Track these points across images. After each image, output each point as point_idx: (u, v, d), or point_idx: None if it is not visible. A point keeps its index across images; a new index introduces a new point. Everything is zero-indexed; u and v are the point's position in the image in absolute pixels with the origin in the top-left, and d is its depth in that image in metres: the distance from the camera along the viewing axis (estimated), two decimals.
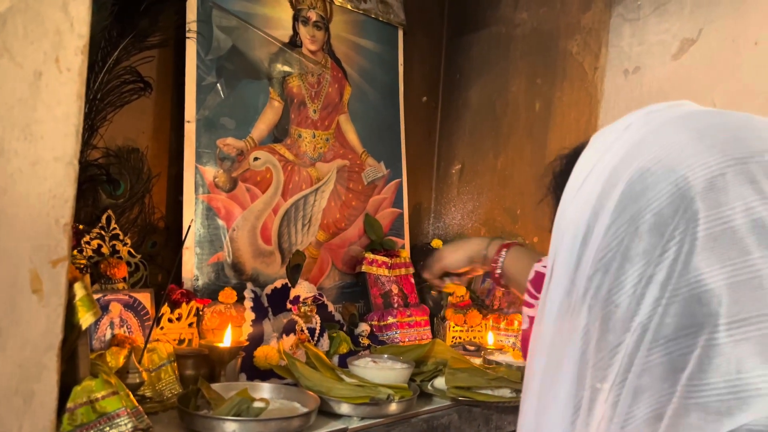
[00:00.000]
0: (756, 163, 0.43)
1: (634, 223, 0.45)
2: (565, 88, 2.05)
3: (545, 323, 0.52)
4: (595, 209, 0.48)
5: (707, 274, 0.41)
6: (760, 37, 1.63)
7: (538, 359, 0.53)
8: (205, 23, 1.62)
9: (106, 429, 0.87)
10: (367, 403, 1.24)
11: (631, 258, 0.45)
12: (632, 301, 0.44)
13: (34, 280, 0.81)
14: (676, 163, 0.45)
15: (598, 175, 0.49)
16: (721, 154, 0.43)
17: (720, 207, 0.42)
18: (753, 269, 0.40)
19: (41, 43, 0.81)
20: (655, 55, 1.85)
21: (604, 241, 0.47)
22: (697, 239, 0.42)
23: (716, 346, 0.40)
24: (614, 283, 0.46)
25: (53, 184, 0.82)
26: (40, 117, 0.81)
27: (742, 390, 0.39)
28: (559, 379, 0.49)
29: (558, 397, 0.49)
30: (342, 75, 1.96)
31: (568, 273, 0.50)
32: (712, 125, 0.47)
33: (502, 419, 1.51)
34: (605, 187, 0.48)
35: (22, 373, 0.81)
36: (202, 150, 1.63)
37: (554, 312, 0.51)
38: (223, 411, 1.07)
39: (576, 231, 0.50)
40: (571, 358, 0.48)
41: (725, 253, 0.41)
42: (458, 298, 2.01)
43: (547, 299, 0.52)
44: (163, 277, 1.60)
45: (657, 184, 0.44)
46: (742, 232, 0.41)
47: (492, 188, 2.23)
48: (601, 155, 0.51)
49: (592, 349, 0.47)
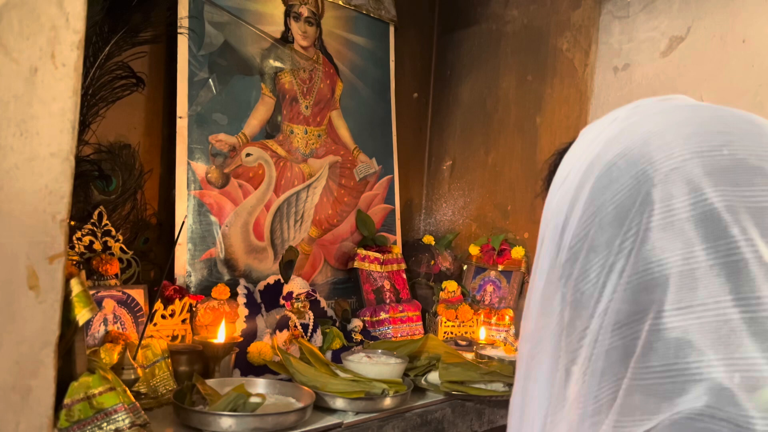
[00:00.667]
0: (711, 157, 0.44)
1: (599, 215, 0.47)
2: (555, 85, 2.07)
3: (531, 309, 0.54)
4: (572, 201, 0.50)
5: (655, 263, 0.43)
6: (747, 35, 1.66)
7: (524, 344, 0.55)
8: (196, 19, 1.62)
9: (103, 425, 0.87)
10: (362, 398, 1.24)
11: (595, 248, 0.47)
12: (595, 289, 0.46)
13: (31, 277, 0.81)
14: (638, 157, 0.46)
15: (579, 168, 0.51)
16: (681, 148, 0.45)
17: (672, 199, 0.43)
18: (696, 260, 0.42)
19: (37, 38, 0.81)
20: (644, 52, 1.86)
21: (575, 231, 0.49)
22: (650, 230, 0.44)
23: (658, 331, 0.42)
24: (581, 271, 0.48)
25: (49, 179, 0.82)
26: (35, 113, 0.81)
27: (678, 374, 0.41)
28: (540, 361, 0.52)
29: (539, 379, 0.51)
30: (334, 71, 1.96)
31: (550, 261, 0.52)
32: (681, 120, 0.48)
33: (494, 413, 1.52)
34: (581, 179, 0.50)
35: (19, 369, 0.81)
36: (194, 146, 1.62)
37: (538, 298, 0.53)
38: (220, 406, 1.07)
39: (557, 221, 0.52)
40: (549, 342, 0.51)
41: (672, 244, 0.43)
42: (450, 293, 2.02)
43: (533, 285, 0.54)
44: (156, 273, 1.59)
45: (620, 177, 0.46)
46: (689, 223, 0.42)
47: (483, 184, 2.24)
48: (586, 148, 0.53)
49: (564, 333, 0.49)
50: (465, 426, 1.46)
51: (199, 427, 1.08)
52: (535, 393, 0.51)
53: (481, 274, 2.12)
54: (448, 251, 2.18)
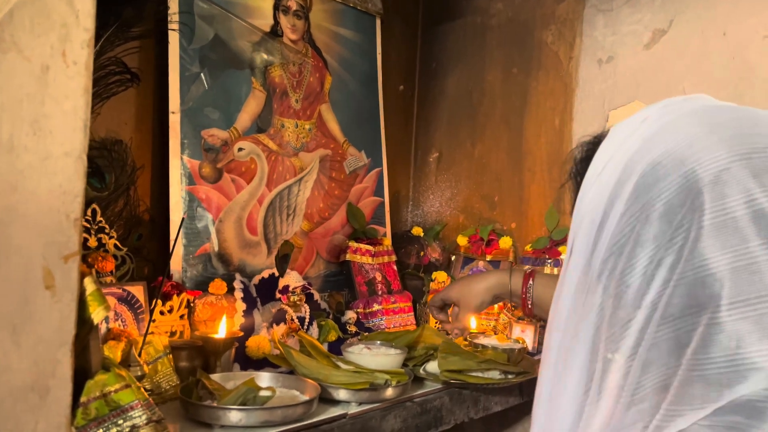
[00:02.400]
0: (759, 158, 0.47)
1: (645, 211, 0.49)
2: (541, 78, 2.10)
3: (562, 301, 0.57)
4: (611, 197, 0.52)
5: (711, 259, 0.46)
6: (728, 28, 1.71)
7: (555, 334, 0.57)
8: (187, 13, 1.60)
9: (119, 422, 0.88)
10: (365, 389, 1.26)
11: (642, 243, 0.49)
12: (643, 282, 0.48)
13: (47, 276, 0.81)
14: (685, 156, 0.49)
15: (616, 165, 0.53)
16: (728, 150, 0.48)
17: (724, 199, 0.46)
18: (752, 256, 0.45)
19: (48, 36, 0.80)
20: (627, 45, 1.91)
21: (618, 227, 0.51)
22: (703, 228, 0.46)
23: (717, 324, 0.44)
24: (627, 265, 0.50)
25: (63, 179, 0.82)
26: (48, 111, 0.80)
27: (740, 364, 0.44)
28: (574, 351, 0.54)
29: (573, 369, 0.54)
30: (323, 64, 1.97)
31: (586, 255, 0.54)
32: (721, 122, 0.51)
33: (489, 400, 1.56)
34: (621, 177, 0.52)
35: (37, 369, 0.81)
36: (187, 141, 1.62)
37: (572, 291, 0.56)
38: (230, 400, 1.08)
39: (593, 216, 0.54)
40: (587, 333, 0.53)
41: (727, 241, 0.45)
42: (439, 283, 2.05)
43: (566, 279, 0.57)
44: (150, 269, 1.59)
45: (667, 176, 0.49)
46: (743, 221, 0.45)
47: (470, 176, 2.27)
48: (619, 146, 0.55)
49: (605, 324, 0.51)
50: (462, 413, 1.50)
51: (208, 422, 1.09)
52: (569, 382, 0.54)
53: (469, 264, 2.16)
54: (436, 242, 2.21)
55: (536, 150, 2.10)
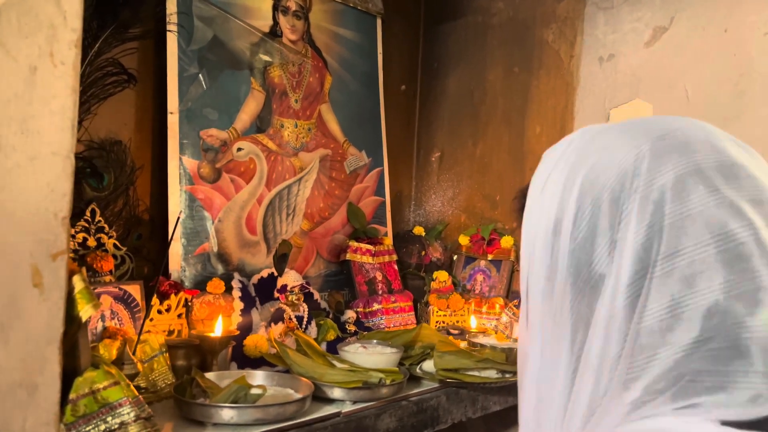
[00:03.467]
0: (668, 141, 0.56)
1: (596, 204, 0.56)
2: (542, 76, 2.09)
3: (531, 307, 0.62)
4: (561, 204, 0.59)
5: (651, 225, 0.54)
6: (729, 25, 1.69)
7: (534, 337, 0.62)
8: (185, 14, 1.61)
9: (108, 419, 0.88)
10: (359, 387, 1.26)
11: (600, 232, 0.56)
12: (605, 263, 0.56)
13: (35, 274, 0.82)
14: (615, 152, 0.58)
15: (557, 178, 0.61)
16: (642, 139, 0.57)
17: (652, 176, 0.55)
18: (672, 216, 0.53)
19: (36, 37, 0.81)
20: (628, 42, 1.89)
21: (575, 225, 0.58)
22: (638, 203, 0.54)
23: (656, 278, 0.52)
24: (592, 255, 0.57)
25: (51, 178, 0.83)
26: (36, 111, 0.81)
27: (676, 310, 0.51)
28: (559, 348, 0.59)
29: (559, 366, 0.59)
30: (322, 64, 1.97)
31: (546, 261, 0.60)
32: (630, 124, 0.61)
33: (487, 399, 1.55)
34: (566, 184, 0.59)
35: (25, 366, 0.81)
36: (186, 141, 1.63)
37: (539, 297, 0.61)
38: (222, 398, 1.09)
39: (547, 225, 0.60)
40: (565, 330, 0.58)
41: (658, 210, 0.54)
42: (440, 283, 2.05)
43: (530, 288, 0.63)
44: (149, 269, 1.60)
45: (606, 170, 0.57)
46: (666, 192, 0.54)
47: (471, 175, 2.26)
48: (555, 164, 0.62)
49: (584, 313, 0.57)
50: (459, 413, 1.49)
51: (200, 420, 1.10)
52: (557, 365, 0.59)
53: (471, 264, 2.15)
54: (438, 242, 2.20)
55: (538, 149, 2.09)
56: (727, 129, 0.60)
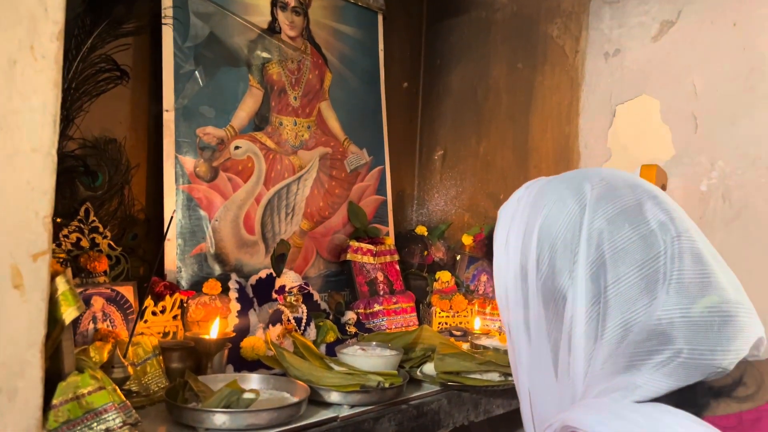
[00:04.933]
0: (596, 190, 0.72)
1: (553, 249, 0.71)
2: (546, 72, 2.05)
3: (515, 333, 0.77)
4: (523, 252, 0.74)
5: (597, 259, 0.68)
6: (738, 19, 1.65)
7: (519, 355, 0.77)
8: (181, 9, 1.59)
9: (93, 425, 0.85)
10: (357, 391, 1.23)
11: (559, 270, 0.70)
12: (566, 292, 0.69)
13: (15, 276, 0.79)
14: (562, 204, 0.72)
15: (516, 232, 0.75)
16: (582, 190, 0.72)
17: (591, 221, 0.69)
18: (614, 247, 0.67)
19: (15, 30, 0.78)
20: (635, 37, 1.85)
21: (539, 267, 0.72)
22: (584, 244, 0.69)
23: (607, 301, 0.66)
24: (554, 286, 0.71)
25: (31, 175, 0.80)
26: (15, 107, 0.78)
27: (632, 324, 0.64)
28: (543, 367, 0.73)
29: (541, 360, 0.73)
30: (322, 61, 1.94)
31: (520, 300, 0.75)
32: (568, 178, 0.76)
33: (490, 403, 1.52)
34: (525, 236, 0.74)
35: (5, 370, 0.78)
36: (182, 139, 1.60)
37: (520, 323, 0.76)
38: (213, 403, 1.05)
39: (515, 271, 0.75)
40: (542, 336, 0.73)
41: (598, 248, 0.68)
42: (443, 284, 2.01)
43: (511, 318, 0.77)
44: (145, 269, 1.57)
45: (557, 221, 0.71)
46: (603, 233, 0.68)
47: (475, 173, 2.22)
48: (511, 220, 0.77)
49: (552, 324, 0.72)
50: (461, 416, 1.45)
51: (192, 425, 1.07)
52: (542, 370, 0.73)
53: (474, 264, 2.11)
54: (441, 241, 2.17)
55: (542, 146, 2.05)
56: (737, 125, 0.64)
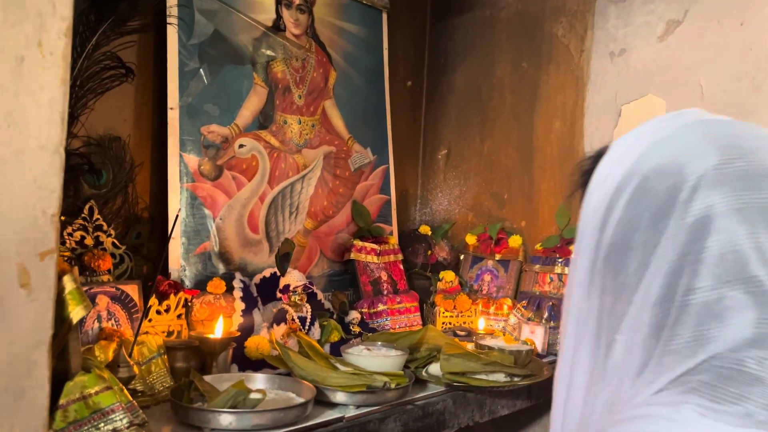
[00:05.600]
0: (726, 169, 0.56)
1: (637, 220, 0.58)
2: (551, 72, 2.04)
3: (573, 296, 0.65)
4: (609, 205, 0.62)
5: (687, 254, 0.55)
6: (745, 18, 1.64)
7: (569, 325, 0.66)
8: (185, 7, 1.58)
9: (100, 425, 0.85)
10: (363, 391, 1.22)
11: (634, 247, 0.58)
12: (633, 281, 0.58)
13: (22, 274, 0.78)
14: (669, 172, 0.58)
15: (614, 177, 0.62)
16: (702, 163, 0.57)
17: (702, 204, 0.55)
18: (708, 251, 0.55)
19: (23, 26, 0.78)
20: (640, 36, 1.84)
21: (614, 231, 0.60)
22: (680, 229, 0.56)
23: (686, 306, 0.55)
24: (621, 265, 0.59)
25: (39, 173, 0.79)
26: (23, 104, 0.78)
27: (701, 338, 0.54)
28: (583, 338, 0.63)
29: (583, 355, 0.63)
30: (327, 59, 1.93)
31: (589, 256, 0.63)
32: (700, 138, 0.60)
33: (495, 403, 1.51)
34: (618, 187, 0.61)
35: (12, 370, 0.78)
36: (186, 138, 1.59)
37: (579, 287, 0.64)
38: (219, 403, 1.05)
39: (595, 222, 0.63)
40: (591, 323, 0.63)
41: (697, 241, 0.55)
42: (447, 283, 2.00)
43: (575, 276, 0.65)
44: (149, 268, 1.56)
45: (654, 189, 0.58)
46: (710, 225, 0.55)
47: (479, 173, 2.22)
48: (618, 159, 0.63)
49: (605, 316, 0.61)
50: (466, 417, 1.45)
51: (198, 425, 1.06)
52: (581, 366, 0.63)
53: (478, 264, 2.11)
54: (444, 241, 2.16)
55: (547, 146, 2.04)
56: None
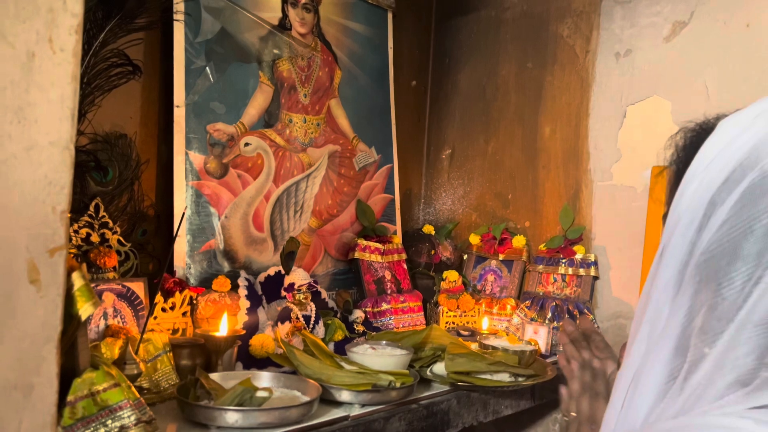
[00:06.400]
0: None
1: (750, 224, 0.48)
2: (556, 72, 2.04)
3: (653, 296, 0.56)
4: (713, 200, 0.51)
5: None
6: (751, 20, 1.64)
7: (645, 326, 0.57)
8: (193, 4, 1.58)
9: (108, 422, 0.85)
10: (368, 390, 1.22)
11: (743, 257, 0.48)
12: (739, 297, 0.48)
13: (32, 270, 0.78)
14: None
15: (723, 165, 0.52)
16: None
17: None
18: None
19: (33, 22, 0.78)
20: (646, 37, 1.84)
21: (717, 234, 0.50)
22: None
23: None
24: (724, 277, 0.49)
25: (49, 169, 0.79)
26: (33, 100, 0.78)
27: None
28: (660, 346, 0.54)
29: (657, 362, 0.54)
30: (332, 58, 1.93)
31: (681, 256, 0.53)
32: None
33: (499, 403, 1.51)
34: (728, 180, 0.51)
35: (21, 366, 0.78)
36: (192, 135, 1.59)
37: (664, 288, 0.55)
38: (226, 401, 1.05)
39: (692, 217, 0.53)
40: (674, 331, 0.53)
41: None
42: (450, 283, 2.01)
43: (658, 274, 0.56)
44: (154, 265, 1.56)
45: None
46: None
47: (483, 173, 2.22)
48: (728, 143, 0.52)
49: (695, 330, 0.51)
50: (470, 417, 1.45)
51: (204, 422, 1.06)
52: (654, 372, 0.54)
53: (481, 264, 2.11)
54: (448, 241, 2.16)
55: (551, 146, 2.04)
56: None
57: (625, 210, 1.85)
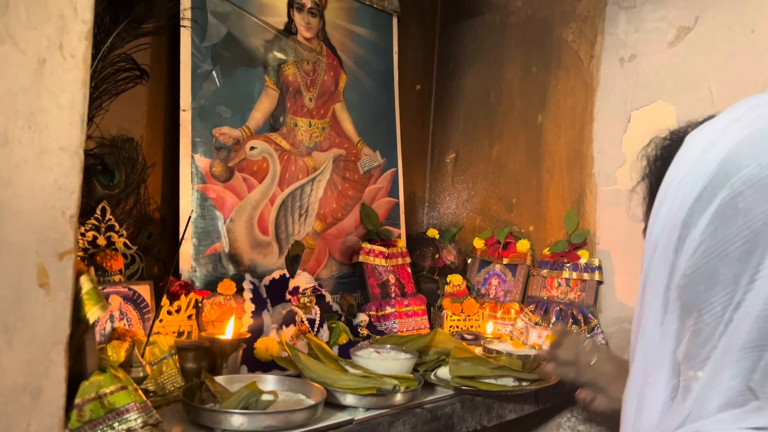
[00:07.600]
0: None
1: (724, 247, 0.47)
2: (561, 77, 2.05)
3: (645, 324, 0.56)
4: (686, 221, 0.50)
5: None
6: (756, 25, 1.64)
7: (639, 357, 0.58)
8: (199, 10, 1.59)
9: (115, 425, 0.85)
10: (373, 394, 1.23)
11: (722, 282, 0.48)
12: (720, 323, 0.48)
13: (41, 274, 0.79)
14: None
15: (693, 184, 0.50)
16: None
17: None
18: None
19: (44, 28, 0.78)
20: (651, 42, 1.85)
21: (693, 258, 0.50)
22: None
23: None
24: (704, 303, 0.49)
25: (59, 174, 0.80)
26: (44, 105, 0.79)
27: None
28: (658, 375, 0.55)
29: (658, 385, 0.55)
30: (337, 63, 1.94)
31: (663, 279, 0.53)
32: None
33: (503, 407, 1.51)
34: (699, 200, 0.49)
35: (30, 369, 0.79)
36: (198, 139, 1.60)
37: (651, 311, 0.55)
38: (232, 404, 1.05)
39: (668, 239, 0.52)
40: (666, 356, 0.54)
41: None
42: (455, 287, 2.01)
43: (645, 302, 0.56)
44: (160, 268, 1.57)
45: (750, 210, 0.46)
46: None
47: (487, 177, 2.22)
48: (700, 157, 0.51)
49: (682, 355, 0.52)
50: (474, 421, 1.45)
51: (210, 425, 1.07)
52: (653, 395, 0.55)
53: (485, 268, 2.11)
54: (452, 245, 2.16)
55: (555, 151, 2.05)
56: None
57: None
